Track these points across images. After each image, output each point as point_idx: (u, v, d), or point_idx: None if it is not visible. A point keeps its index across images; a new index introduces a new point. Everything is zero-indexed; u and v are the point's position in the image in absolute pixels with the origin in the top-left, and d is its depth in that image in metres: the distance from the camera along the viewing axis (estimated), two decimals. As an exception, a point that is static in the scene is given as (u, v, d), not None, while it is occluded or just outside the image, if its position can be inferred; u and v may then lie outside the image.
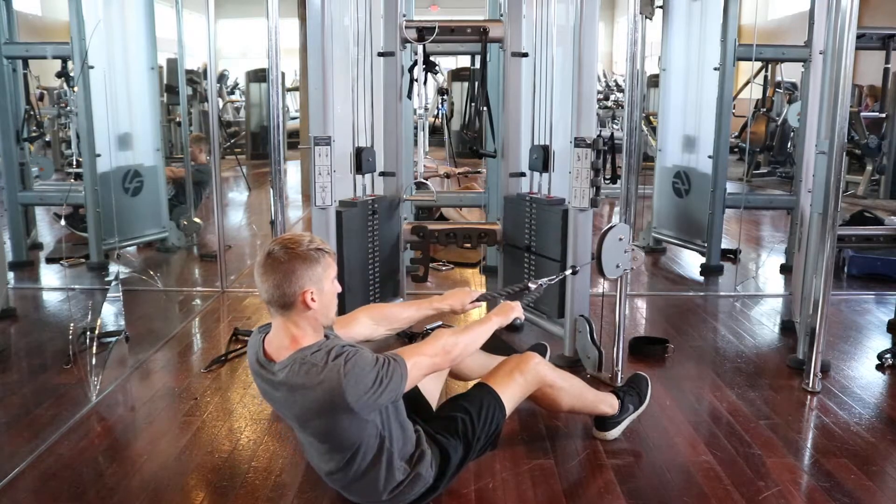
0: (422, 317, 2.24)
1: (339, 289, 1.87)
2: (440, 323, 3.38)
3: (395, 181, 3.28)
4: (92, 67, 4.27)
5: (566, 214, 2.93)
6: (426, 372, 1.88)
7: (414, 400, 2.05)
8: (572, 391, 2.23)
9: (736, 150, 8.49)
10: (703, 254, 4.60)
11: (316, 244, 1.79)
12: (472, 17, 3.65)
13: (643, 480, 2.13)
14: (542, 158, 3.10)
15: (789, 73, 8.50)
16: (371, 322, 2.14)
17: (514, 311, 2.12)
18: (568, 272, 2.66)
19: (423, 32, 3.12)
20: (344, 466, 1.85)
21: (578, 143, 2.79)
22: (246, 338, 3.24)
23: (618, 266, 2.60)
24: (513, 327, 2.15)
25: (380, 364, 1.75)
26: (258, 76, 10.88)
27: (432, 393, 2.19)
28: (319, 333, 1.84)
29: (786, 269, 4.58)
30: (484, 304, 2.50)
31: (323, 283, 1.78)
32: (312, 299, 1.76)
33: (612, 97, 11.05)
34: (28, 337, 3.45)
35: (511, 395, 2.09)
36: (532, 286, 2.33)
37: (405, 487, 1.89)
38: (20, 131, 4.71)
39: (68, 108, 6.67)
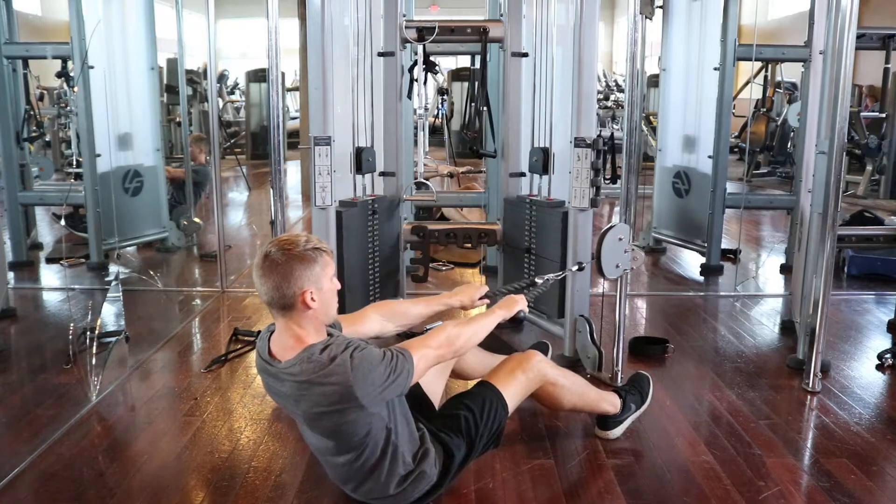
0: (432, 312, 2.26)
1: (338, 286, 1.87)
2: (440, 322, 3.38)
3: (395, 181, 3.28)
4: (92, 67, 4.27)
5: (566, 217, 2.94)
6: (432, 363, 1.91)
7: (417, 399, 2.06)
8: (574, 389, 2.23)
9: (736, 150, 8.49)
10: (703, 254, 4.60)
11: (313, 244, 1.80)
12: (472, 17, 3.65)
13: (643, 480, 2.13)
14: (542, 161, 3.11)
15: (789, 73, 8.50)
16: (381, 319, 2.17)
17: (518, 303, 2.17)
18: (574, 268, 2.73)
19: (423, 32, 3.12)
20: (352, 461, 1.85)
21: (578, 143, 2.79)
22: (246, 338, 3.24)
23: (617, 266, 2.60)
24: (515, 320, 2.18)
25: (387, 359, 1.77)
26: (258, 76, 10.89)
27: (435, 392, 2.19)
28: (322, 332, 1.85)
29: (786, 269, 4.58)
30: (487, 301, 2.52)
31: (322, 283, 1.79)
32: (312, 299, 1.77)
33: (612, 97, 11.04)
34: (28, 337, 3.44)
35: (513, 392, 2.10)
36: (539, 281, 2.40)
37: (410, 484, 1.89)
38: (20, 131, 4.71)
39: (68, 108, 6.67)
